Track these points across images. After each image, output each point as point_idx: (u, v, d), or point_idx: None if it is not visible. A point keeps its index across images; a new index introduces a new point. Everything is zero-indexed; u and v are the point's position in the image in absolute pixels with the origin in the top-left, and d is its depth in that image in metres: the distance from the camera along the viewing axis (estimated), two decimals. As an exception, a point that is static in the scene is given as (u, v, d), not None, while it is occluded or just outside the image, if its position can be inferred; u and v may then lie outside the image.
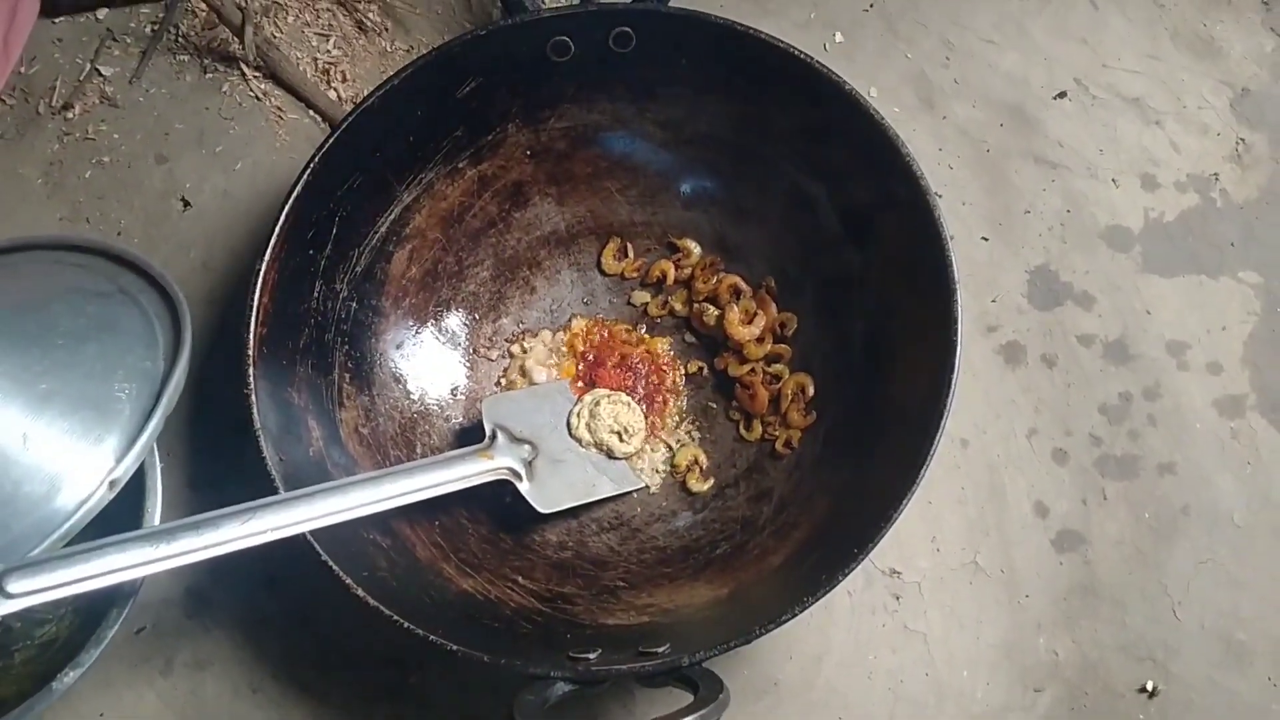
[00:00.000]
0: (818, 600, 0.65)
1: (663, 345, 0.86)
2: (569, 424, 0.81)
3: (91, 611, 0.75)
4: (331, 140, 0.75)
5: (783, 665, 0.77)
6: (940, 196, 0.73)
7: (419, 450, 0.82)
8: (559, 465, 0.79)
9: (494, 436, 0.77)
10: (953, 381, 0.69)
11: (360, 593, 0.67)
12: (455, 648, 0.65)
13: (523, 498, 0.78)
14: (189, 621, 0.79)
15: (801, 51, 0.75)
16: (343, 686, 0.77)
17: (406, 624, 0.66)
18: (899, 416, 0.74)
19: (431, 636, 0.65)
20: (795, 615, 0.65)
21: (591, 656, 0.67)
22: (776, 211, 0.83)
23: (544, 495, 0.77)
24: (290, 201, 0.74)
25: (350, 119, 0.75)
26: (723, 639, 0.65)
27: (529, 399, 0.82)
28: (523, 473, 0.76)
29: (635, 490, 0.82)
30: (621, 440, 0.81)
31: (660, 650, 0.66)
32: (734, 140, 0.83)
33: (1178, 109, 0.94)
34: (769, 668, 0.77)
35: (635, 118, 0.84)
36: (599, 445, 0.81)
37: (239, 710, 0.77)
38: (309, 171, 0.74)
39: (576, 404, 0.81)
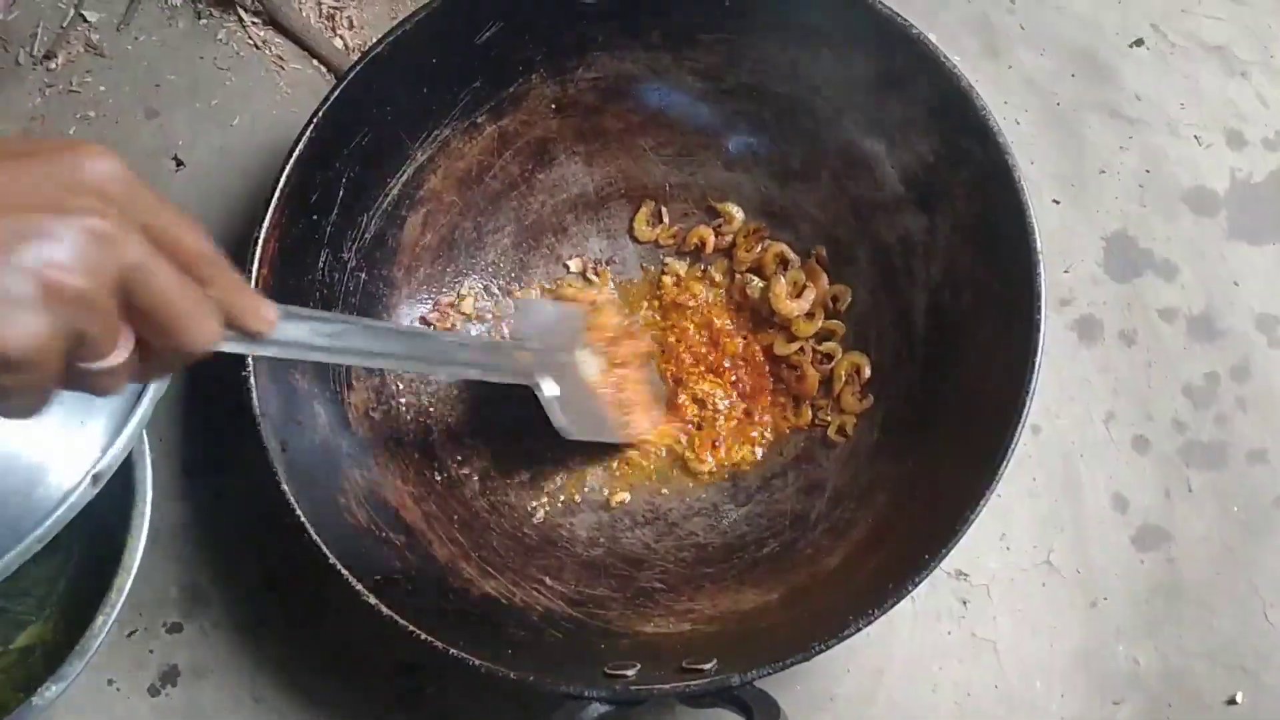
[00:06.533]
0: (884, 613, 0.59)
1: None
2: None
3: (78, 614, 0.69)
4: (337, 92, 0.69)
5: (840, 678, 0.70)
6: (1008, 155, 0.66)
7: (434, 434, 0.75)
8: (577, 395, 0.72)
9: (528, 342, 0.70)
10: (1035, 365, 0.63)
11: (372, 600, 0.61)
12: (479, 663, 0.59)
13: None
14: (185, 624, 0.73)
15: (859, -10, 0.68)
16: (353, 696, 0.71)
17: (424, 635, 0.60)
18: (968, 402, 0.68)
19: (452, 650, 0.59)
20: (860, 629, 0.59)
21: (630, 673, 0.60)
22: (829, 171, 0.76)
23: (571, 422, 0.69)
24: (292, 161, 0.68)
25: (357, 68, 0.69)
26: (776, 653, 0.59)
27: (554, 311, 0.76)
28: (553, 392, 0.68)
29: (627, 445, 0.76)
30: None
31: (707, 667, 0.60)
32: (782, 92, 0.75)
33: (1265, 59, 0.86)
34: (825, 681, 0.70)
35: (672, 67, 0.76)
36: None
37: (240, 722, 0.71)
38: (312, 127, 0.69)
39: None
